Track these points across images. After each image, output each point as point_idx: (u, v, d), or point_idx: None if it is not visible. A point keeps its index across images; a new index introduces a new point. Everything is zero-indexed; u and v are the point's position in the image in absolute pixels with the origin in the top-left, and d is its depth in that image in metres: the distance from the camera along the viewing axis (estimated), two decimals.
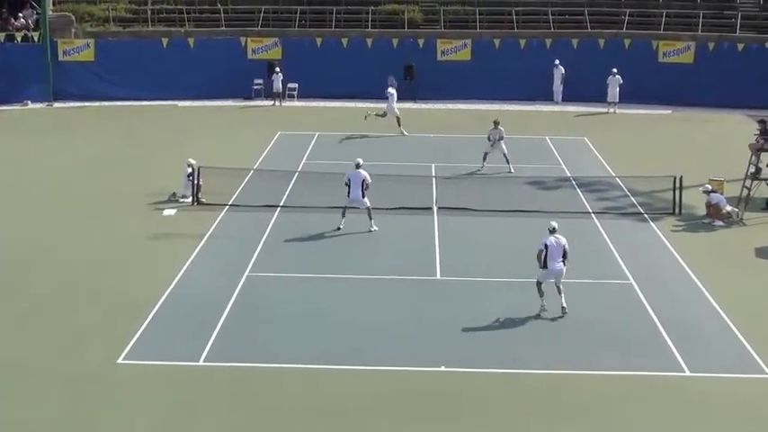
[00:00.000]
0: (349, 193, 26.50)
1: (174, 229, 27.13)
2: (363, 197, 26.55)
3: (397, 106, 40.85)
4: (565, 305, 21.07)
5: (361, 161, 27.14)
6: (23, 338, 19.83)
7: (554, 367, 18.64)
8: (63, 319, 20.84)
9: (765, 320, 21.13)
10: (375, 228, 26.69)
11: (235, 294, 22.14)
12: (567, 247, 21.21)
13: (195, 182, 29.60)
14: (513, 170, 33.55)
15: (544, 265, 21.12)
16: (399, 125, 40.31)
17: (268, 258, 24.79)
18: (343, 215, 26.75)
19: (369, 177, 26.60)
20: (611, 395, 17.66)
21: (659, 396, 17.62)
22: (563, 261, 21.13)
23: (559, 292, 21.19)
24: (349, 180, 26.49)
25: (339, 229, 26.57)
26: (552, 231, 21.35)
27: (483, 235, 25.75)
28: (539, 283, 21.33)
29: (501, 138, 33.87)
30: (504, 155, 33.79)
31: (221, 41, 49.10)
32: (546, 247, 21.10)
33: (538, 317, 21.01)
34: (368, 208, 26.69)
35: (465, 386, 17.91)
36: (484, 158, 33.93)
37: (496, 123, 34.09)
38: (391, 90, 41.23)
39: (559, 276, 21.24)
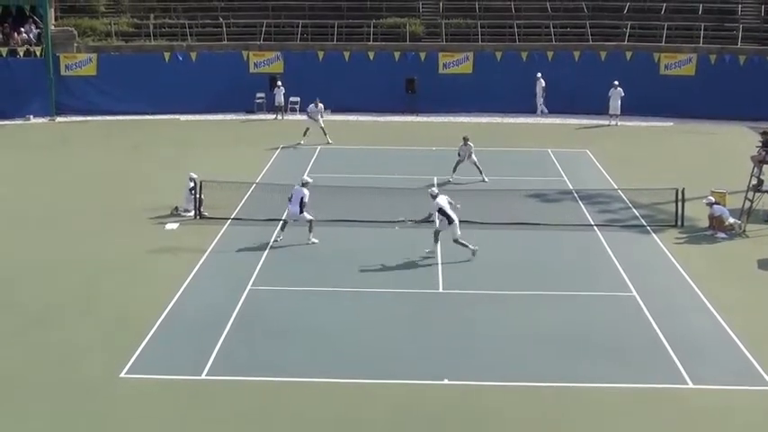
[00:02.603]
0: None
1: (177, 243, 27.15)
2: (302, 213, 26.71)
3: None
4: (473, 247, 25.24)
5: (308, 180, 27.42)
6: (25, 352, 19.81)
7: (557, 380, 18.60)
8: (65, 332, 20.84)
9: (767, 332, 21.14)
10: (315, 240, 26.75)
11: (237, 308, 22.13)
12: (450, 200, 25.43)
13: (197, 196, 29.62)
14: (486, 179, 33.76)
15: (450, 221, 25.04)
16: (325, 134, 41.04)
17: (270, 272, 24.78)
18: (282, 228, 27.04)
19: (307, 196, 26.78)
20: (613, 408, 17.62)
21: (662, 408, 17.59)
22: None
23: (461, 244, 25.17)
24: (291, 196, 26.78)
25: (276, 241, 26.84)
26: (435, 196, 25.45)
27: (485, 248, 25.73)
28: (437, 233, 25.34)
29: (470, 154, 34.24)
30: (476, 164, 34.19)
31: (223, 55, 49.20)
32: (440, 209, 25.04)
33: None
34: (309, 221, 26.79)
35: (468, 399, 17.88)
36: (454, 169, 34.34)
37: (466, 140, 34.39)
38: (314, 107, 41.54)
39: (457, 228, 25.06)
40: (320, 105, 41.68)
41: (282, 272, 24.88)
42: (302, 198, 26.54)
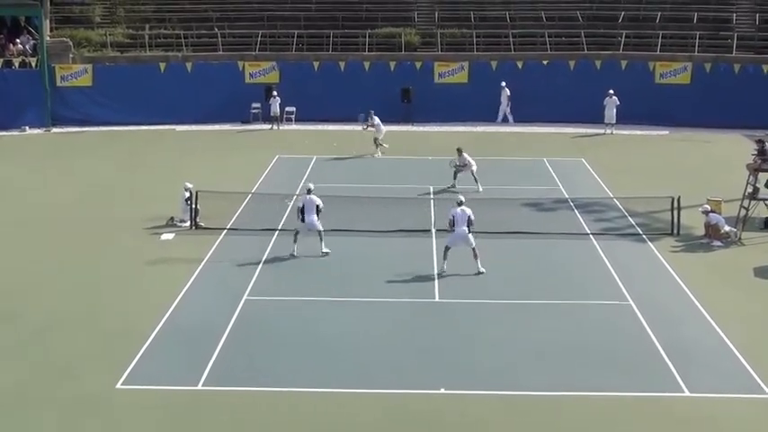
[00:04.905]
0: (303, 218, 26.41)
1: (173, 254, 27.12)
2: (317, 221, 26.50)
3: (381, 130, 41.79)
4: (481, 269, 25.12)
5: (312, 186, 27.08)
6: (22, 365, 19.76)
7: (553, 389, 18.59)
8: (62, 344, 20.79)
9: (764, 340, 21.11)
10: (327, 249, 26.57)
11: (233, 318, 22.11)
12: (471, 216, 25.30)
13: (193, 206, 29.60)
14: (480, 189, 33.88)
15: (452, 229, 25.28)
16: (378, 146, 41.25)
17: (266, 282, 24.77)
18: (296, 240, 26.63)
19: (321, 202, 26.57)
20: (610, 417, 17.61)
21: (659, 417, 17.58)
22: (468, 227, 25.20)
23: (475, 257, 25.20)
24: (303, 206, 26.43)
25: (294, 255, 26.47)
26: (459, 204, 25.58)
27: (481, 257, 25.68)
28: (446, 248, 25.39)
29: (464, 164, 34.59)
30: (473, 174, 34.45)
31: (219, 66, 49.22)
32: (453, 216, 25.24)
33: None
34: (319, 231, 26.60)
35: (465, 408, 17.86)
36: (454, 176, 34.57)
37: (459, 151, 34.81)
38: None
39: (466, 239, 25.22)
40: (375, 119, 41.67)
41: (278, 282, 24.87)
42: (317, 206, 26.40)
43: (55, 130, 47.34)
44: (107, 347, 20.54)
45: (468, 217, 25.21)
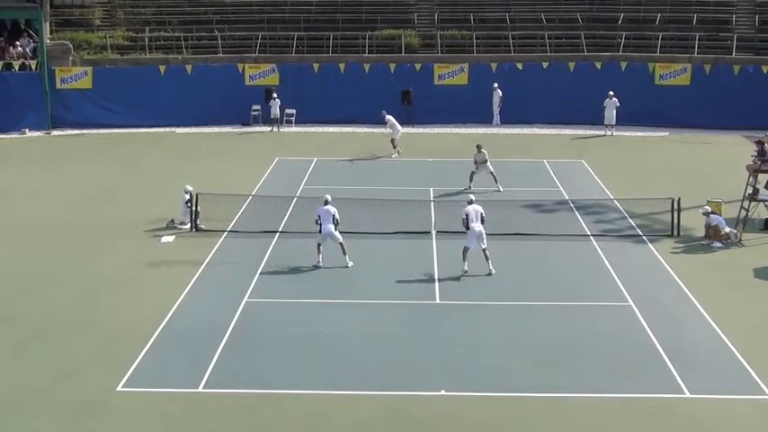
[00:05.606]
0: (321, 229, 26.16)
1: (173, 256, 27.13)
2: (336, 230, 26.18)
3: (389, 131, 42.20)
4: (492, 269, 25.21)
5: (329, 198, 26.69)
6: (23, 367, 19.79)
7: (554, 390, 18.59)
8: (62, 347, 20.81)
9: (764, 341, 21.12)
10: (351, 263, 26.07)
11: (234, 320, 22.11)
12: (483, 214, 25.63)
13: (193, 208, 29.61)
14: (501, 189, 34.17)
15: (467, 228, 25.27)
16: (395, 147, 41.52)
17: (267, 284, 24.78)
18: (319, 251, 26.22)
19: (337, 213, 26.19)
20: (611, 418, 17.61)
21: (659, 418, 17.58)
22: (481, 224, 25.44)
23: (486, 259, 25.26)
24: (319, 217, 26.20)
25: (318, 266, 26.01)
26: (470, 203, 25.88)
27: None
28: (465, 249, 25.26)
29: (485, 161, 34.78)
30: (492, 174, 34.70)
31: (219, 68, 49.22)
32: (466, 215, 25.38)
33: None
34: (341, 243, 26.20)
35: (465, 410, 17.87)
36: (470, 179, 34.82)
37: (479, 147, 35.15)
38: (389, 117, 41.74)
39: (481, 237, 25.26)
40: (387, 117, 41.93)
41: (279, 284, 24.88)
42: (334, 216, 26.02)
43: (55, 132, 47.35)
44: (107, 350, 20.56)
45: (481, 214, 25.50)
